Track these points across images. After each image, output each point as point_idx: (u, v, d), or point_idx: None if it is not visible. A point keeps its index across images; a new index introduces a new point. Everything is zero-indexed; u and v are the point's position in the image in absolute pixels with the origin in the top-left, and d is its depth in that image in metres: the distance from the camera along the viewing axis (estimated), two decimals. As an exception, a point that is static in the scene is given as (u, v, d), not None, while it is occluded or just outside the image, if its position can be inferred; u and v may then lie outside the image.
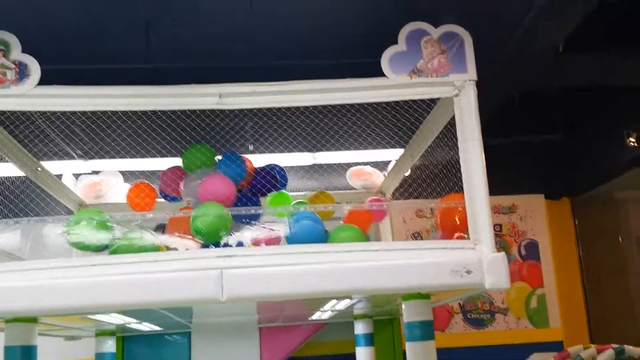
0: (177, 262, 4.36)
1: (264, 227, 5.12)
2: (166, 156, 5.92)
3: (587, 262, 9.13)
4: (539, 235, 9.20)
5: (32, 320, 4.59)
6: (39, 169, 5.75)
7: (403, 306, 5.14)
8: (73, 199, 6.61)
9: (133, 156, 5.82)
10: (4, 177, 5.43)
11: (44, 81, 4.35)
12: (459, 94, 4.66)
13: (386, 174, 6.86)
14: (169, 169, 5.73)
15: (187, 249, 4.74)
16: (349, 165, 6.87)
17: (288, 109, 5.11)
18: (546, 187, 9.17)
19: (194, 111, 5.03)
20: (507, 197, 9.18)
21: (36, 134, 5.38)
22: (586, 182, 8.68)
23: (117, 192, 6.86)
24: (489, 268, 4.43)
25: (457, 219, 4.84)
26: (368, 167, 6.91)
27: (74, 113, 4.96)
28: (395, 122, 5.60)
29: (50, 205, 6.14)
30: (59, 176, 6.40)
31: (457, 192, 4.85)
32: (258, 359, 8.34)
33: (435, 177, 5.40)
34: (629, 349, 5.86)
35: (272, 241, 4.98)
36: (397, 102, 5.01)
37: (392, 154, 6.65)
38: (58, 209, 6.40)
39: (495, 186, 6.87)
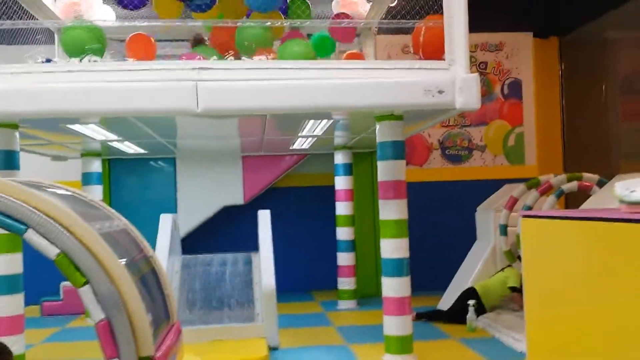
0: (154, 72, 4.40)
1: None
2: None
3: (568, 103, 9.22)
4: (524, 74, 9.20)
5: (13, 125, 4.72)
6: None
7: (377, 128, 5.29)
8: (53, 19, 6.48)
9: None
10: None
11: None
12: None
13: (372, 3, 6.71)
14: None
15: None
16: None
17: None
18: (535, 24, 9.02)
19: None
20: (495, 35, 9.07)
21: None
22: (575, 19, 8.54)
23: (97, 12, 6.73)
24: (461, 88, 4.50)
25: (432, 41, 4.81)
26: (355, -4, 6.73)
27: None
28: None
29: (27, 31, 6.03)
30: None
31: (437, 14, 4.82)
32: (241, 186, 8.68)
33: (419, 7, 5.32)
34: (567, 187, 6.25)
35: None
36: None
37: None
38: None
39: (484, 21, 6.75)
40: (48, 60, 4.73)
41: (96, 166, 7.58)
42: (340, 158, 8.04)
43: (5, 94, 4.18)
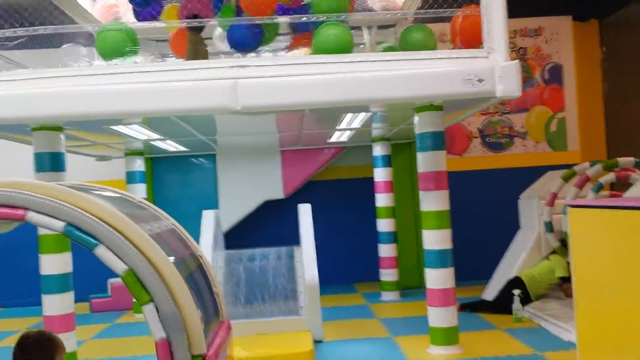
0: (194, 71, 4.46)
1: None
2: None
3: (610, 86, 9.00)
4: (564, 58, 9.02)
5: (58, 128, 4.84)
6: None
7: (416, 118, 5.25)
8: (91, 21, 6.59)
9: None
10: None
11: None
12: None
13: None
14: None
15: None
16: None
17: None
18: (574, 7, 8.81)
19: None
20: (534, 19, 8.91)
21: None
22: (615, 0, 8.30)
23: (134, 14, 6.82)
24: (501, 76, 4.44)
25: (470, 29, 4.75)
26: (392, -12, 6.66)
27: None
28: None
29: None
30: (76, -2, 6.35)
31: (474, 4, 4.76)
32: (281, 181, 8.74)
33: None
34: (604, 179, 6.13)
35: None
36: None
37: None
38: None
39: (522, 6, 6.60)
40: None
41: (139, 165, 7.71)
42: (378, 150, 8.01)
43: (49, 97, 4.28)
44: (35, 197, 1.88)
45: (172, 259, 2.07)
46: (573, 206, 3.10)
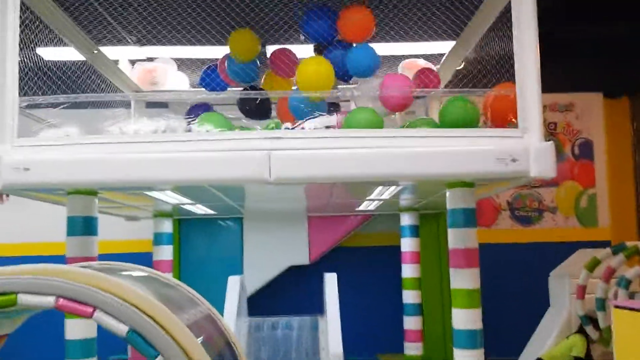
0: (227, 142, 4.50)
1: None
2: (215, 44, 5.96)
3: (642, 163, 8.96)
4: (595, 134, 9.00)
5: (92, 192, 4.89)
6: (96, 51, 5.89)
7: (447, 194, 5.22)
8: (129, 84, 6.77)
9: (188, 43, 5.92)
10: (66, 61, 5.61)
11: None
12: (516, -24, 4.48)
13: (439, 67, 6.73)
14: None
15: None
16: (402, 57, 6.74)
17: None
18: (606, 84, 8.86)
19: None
20: (565, 95, 8.94)
21: (94, 17, 5.51)
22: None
23: (171, 79, 7.01)
24: (535, 157, 4.41)
25: (505, 108, 4.76)
26: (421, 60, 6.77)
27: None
28: (449, 12, 5.44)
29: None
30: (116, 62, 6.54)
31: (508, 82, 4.78)
32: (306, 247, 8.68)
33: (488, 71, 5.28)
34: (630, 274, 6.02)
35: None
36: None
37: (446, 47, 6.49)
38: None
39: (553, 82, 6.66)
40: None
41: (167, 226, 7.75)
42: (406, 219, 7.96)
43: (84, 163, 4.32)
44: (105, 296, 1.87)
45: (200, 338, 2.04)
46: (618, 307, 3.02)
